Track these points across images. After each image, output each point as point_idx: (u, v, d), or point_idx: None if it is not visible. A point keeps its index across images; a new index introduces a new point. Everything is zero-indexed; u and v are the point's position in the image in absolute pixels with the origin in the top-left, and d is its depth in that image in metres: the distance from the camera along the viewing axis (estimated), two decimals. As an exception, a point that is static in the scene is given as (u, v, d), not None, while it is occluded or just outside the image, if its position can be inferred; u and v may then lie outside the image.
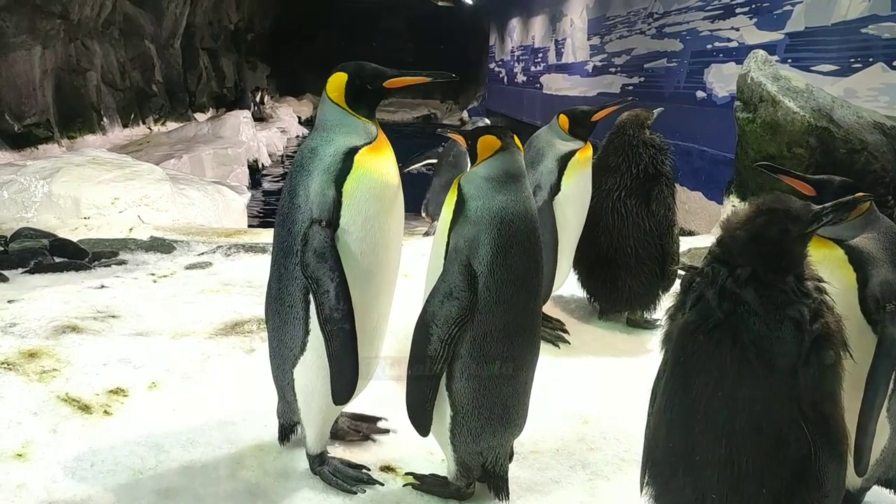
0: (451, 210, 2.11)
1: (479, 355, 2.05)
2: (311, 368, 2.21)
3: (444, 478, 2.30)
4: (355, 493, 2.29)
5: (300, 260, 2.10)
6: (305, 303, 2.15)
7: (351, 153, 2.15)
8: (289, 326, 2.21)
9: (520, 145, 2.21)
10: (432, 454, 2.47)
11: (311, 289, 2.10)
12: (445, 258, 2.07)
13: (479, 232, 2.03)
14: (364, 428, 2.63)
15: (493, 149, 2.15)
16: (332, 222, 2.10)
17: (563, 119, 3.58)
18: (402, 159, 2.33)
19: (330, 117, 2.23)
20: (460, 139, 2.28)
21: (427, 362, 2.05)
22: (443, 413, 2.13)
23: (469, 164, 2.31)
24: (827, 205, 1.68)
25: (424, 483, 2.33)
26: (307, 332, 2.18)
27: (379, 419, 2.67)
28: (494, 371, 2.07)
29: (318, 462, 2.36)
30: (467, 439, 2.14)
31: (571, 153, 3.52)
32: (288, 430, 2.49)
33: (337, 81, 2.22)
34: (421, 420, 2.14)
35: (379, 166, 2.19)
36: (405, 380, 2.15)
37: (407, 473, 2.39)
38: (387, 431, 2.62)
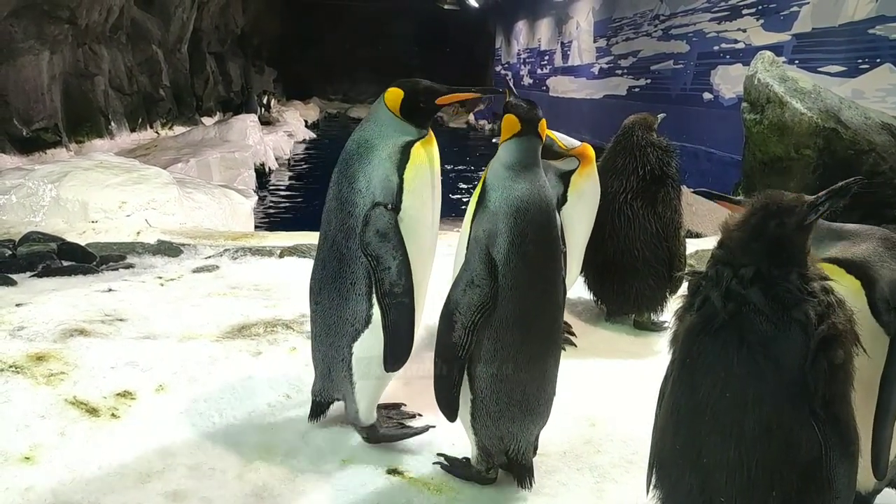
0: (475, 201, 2.20)
1: (496, 340, 2.12)
2: (374, 341, 2.36)
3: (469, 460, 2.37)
4: (420, 432, 2.55)
5: (360, 239, 2.28)
6: (369, 279, 2.32)
7: (408, 146, 2.35)
8: (351, 303, 2.36)
9: (544, 129, 2.25)
10: (436, 456, 2.47)
11: (370, 265, 2.27)
12: (468, 248, 2.15)
13: (498, 221, 2.11)
14: (395, 415, 2.74)
15: (513, 131, 2.21)
16: (396, 206, 2.29)
17: None
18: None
19: (383, 118, 2.41)
20: (507, 95, 2.33)
21: (452, 349, 2.13)
22: (464, 397, 2.20)
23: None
24: (821, 194, 1.69)
25: (452, 465, 2.41)
26: (371, 307, 2.34)
27: (401, 405, 2.79)
28: (510, 356, 2.14)
29: (375, 430, 2.53)
30: (487, 423, 2.21)
31: (570, 171, 3.53)
32: (323, 407, 2.61)
33: (393, 96, 2.42)
34: (448, 405, 2.21)
35: (431, 156, 2.41)
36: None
37: (439, 454, 2.46)
38: (413, 416, 2.72)
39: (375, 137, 2.37)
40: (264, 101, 20.81)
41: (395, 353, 2.33)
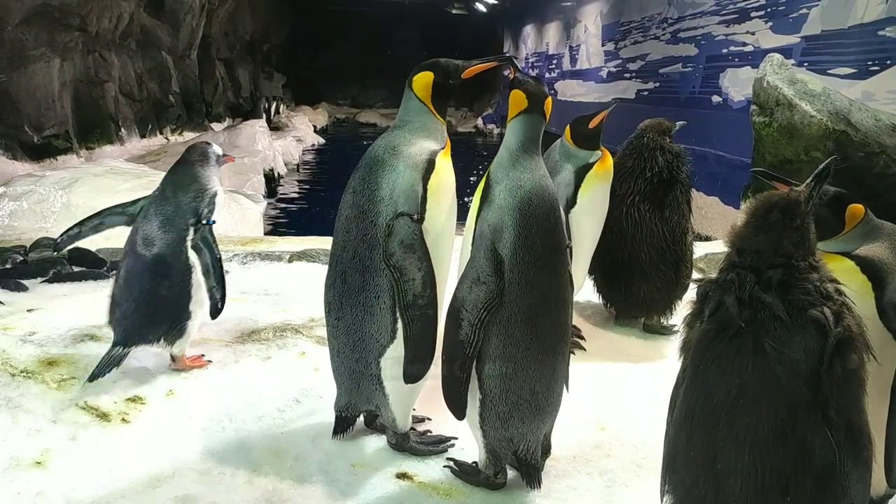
0: (479, 197, 2.18)
1: (504, 337, 2.10)
2: (402, 353, 2.32)
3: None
4: (445, 450, 2.53)
5: (383, 250, 2.22)
6: (393, 291, 2.27)
7: (433, 155, 2.34)
8: (376, 317, 2.30)
9: (549, 108, 2.26)
10: (445, 460, 2.47)
11: (393, 276, 2.22)
12: (473, 244, 2.13)
13: (503, 216, 2.09)
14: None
15: (520, 107, 2.22)
16: (421, 217, 2.25)
17: (567, 132, 3.60)
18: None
19: (414, 117, 2.41)
20: (512, 73, 2.37)
21: (459, 347, 2.11)
22: (472, 397, 2.18)
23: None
24: (808, 181, 1.73)
25: (461, 469, 2.40)
26: (396, 319, 2.29)
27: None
28: (520, 353, 2.12)
29: (406, 439, 2.52)
30: (496, 423, 2.19)
31: (588, 165, 3.52)
32: (349, 423, 2.55)
33: (423, 80, 2.42)
34: (457, 404, 2.19)
35: (449, 166, 2.39)
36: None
37: (448, 458, 2.46)
38: (421, 420, 2.71)
39: (402, 143, 2.33)
40: (271, 108, 20.90)
41: (416, 366, 2.29)
